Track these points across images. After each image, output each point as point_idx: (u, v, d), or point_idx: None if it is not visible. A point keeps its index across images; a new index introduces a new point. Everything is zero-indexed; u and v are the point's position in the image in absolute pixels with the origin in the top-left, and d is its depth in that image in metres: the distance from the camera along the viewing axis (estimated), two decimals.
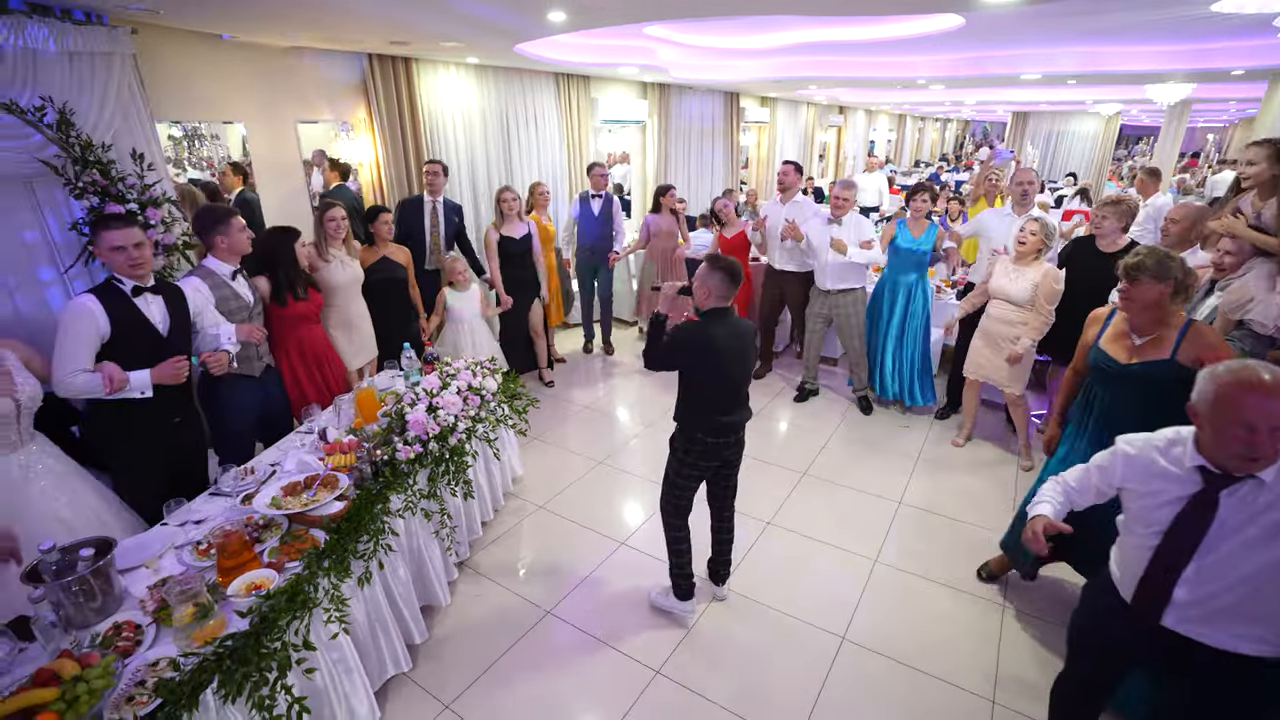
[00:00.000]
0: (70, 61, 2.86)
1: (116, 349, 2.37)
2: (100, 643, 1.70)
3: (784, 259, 4.86)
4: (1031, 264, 3.58)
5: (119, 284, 2.42)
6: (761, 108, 10.62)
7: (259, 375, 3.02)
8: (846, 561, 3.17)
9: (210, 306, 2.74)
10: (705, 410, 2.52)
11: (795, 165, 4.85)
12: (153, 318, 2.48)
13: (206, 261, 2.86)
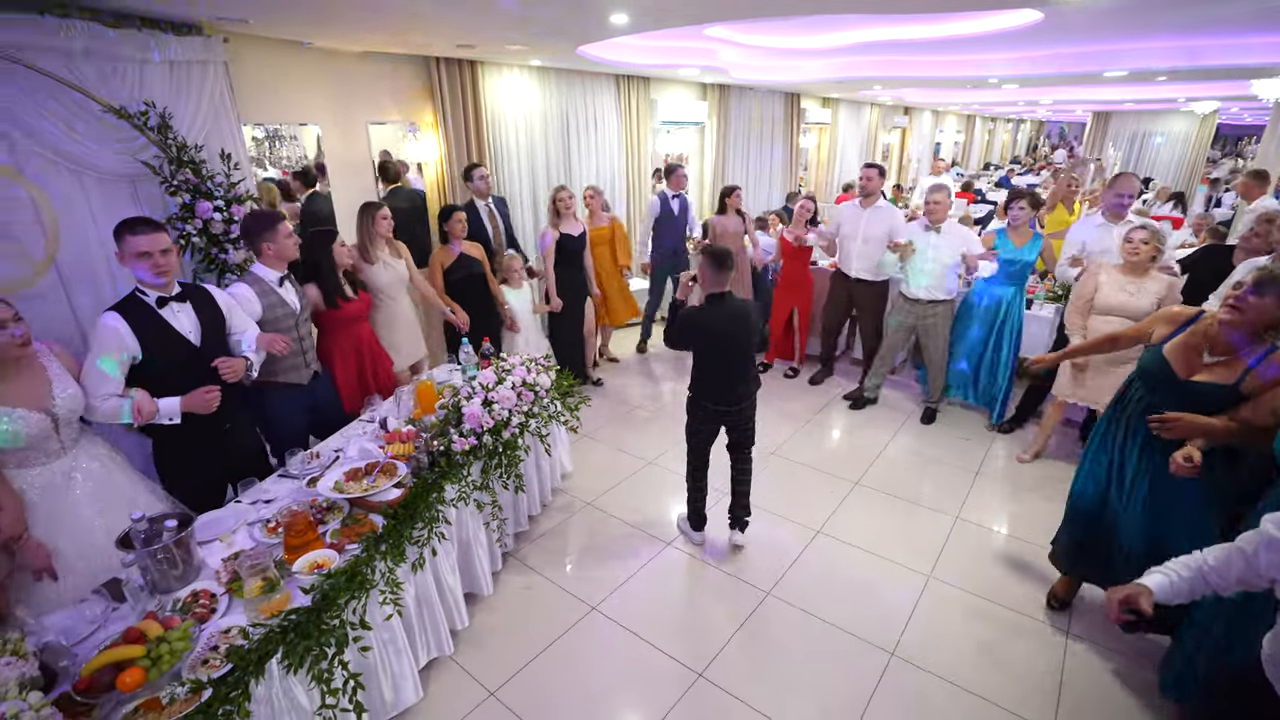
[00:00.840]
0: (171, 69, 3.08)
1: (150, 366, 2.30)
2: (180, 608, 1.83)
3: (860, 265, 4.67)
4: (1147, 275, 3.32)
5: (143, 296, 2.32)
6: (823, 108, 10.42)
7: (307, 383, 3.00)
8: (898, 575, 3.07)
9: (237, 310, 2.65)
10: (705, 382, 2.99)
11: (879, 169, 4.63)
12: (182, 328, 2.39)
13: (255, 268, 2.84)
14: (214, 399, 2.38)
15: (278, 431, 2.93)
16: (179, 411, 2.32)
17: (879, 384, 4.84)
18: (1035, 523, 3.43)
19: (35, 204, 2.77)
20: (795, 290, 5.16)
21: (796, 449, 4.26)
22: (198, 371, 2.39)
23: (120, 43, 2.88)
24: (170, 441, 2.46)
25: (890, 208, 4.65)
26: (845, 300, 4.92)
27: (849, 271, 4.77)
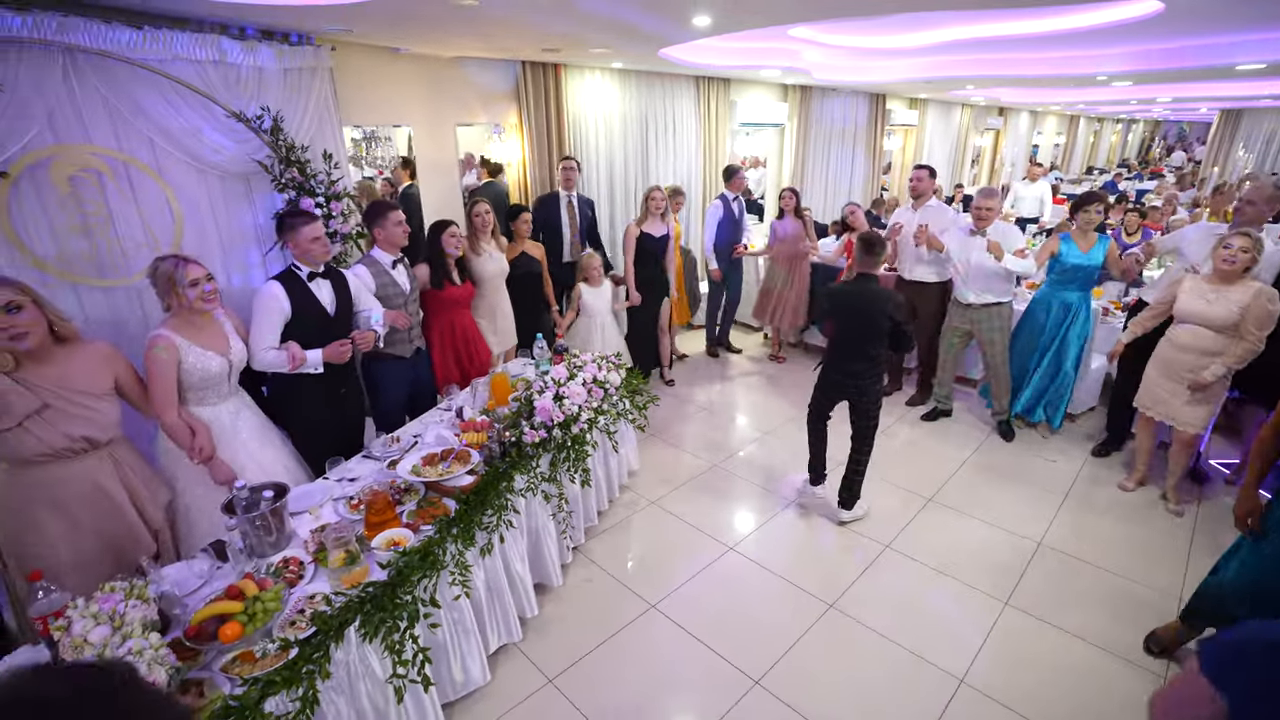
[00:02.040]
0: (284, 76, 3.34)
1: (294, 327, 2.72)
2: (273, 572, 1.98)
3: (916, 268, 4.58)
4: (1236, 283, 3.09)
5: (297, 270, 2.77)
6: (910, 110, 10.02)
7: (409, 357, 3.32)
8: (971, 598, 2.92)
9: (365, 291, 3.04)
10: (833, 350, 3.34)
11: (928, 169, 4.55)
12: (323, 299, 2.82)
13: (373, 251, 3.19)
14: (347, 351, 2.81)
15: (382, 398, 3.30)
16: (321, 361, 2.74)
17: (948, 394, 4.64)
18: (1132, 556, 3.17)
19: (167, 199, 3.07)
20: None
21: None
22: (330, 336, 2.81)
23: (244, 53, 3.15)
24: (295, 403, 2.86)
25: (941, 206, 4.54)
26: (907, 304, 4.74)
27: (906, 275, 4.66)
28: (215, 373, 2.47)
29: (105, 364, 2.24)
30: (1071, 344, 4.08)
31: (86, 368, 2.16)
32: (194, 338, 2.41)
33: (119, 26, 2.72)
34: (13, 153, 2.52)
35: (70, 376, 2.10)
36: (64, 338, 2.13)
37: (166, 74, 2.88)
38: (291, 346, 2.65)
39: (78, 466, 2.17)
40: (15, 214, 2.61)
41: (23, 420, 2.01)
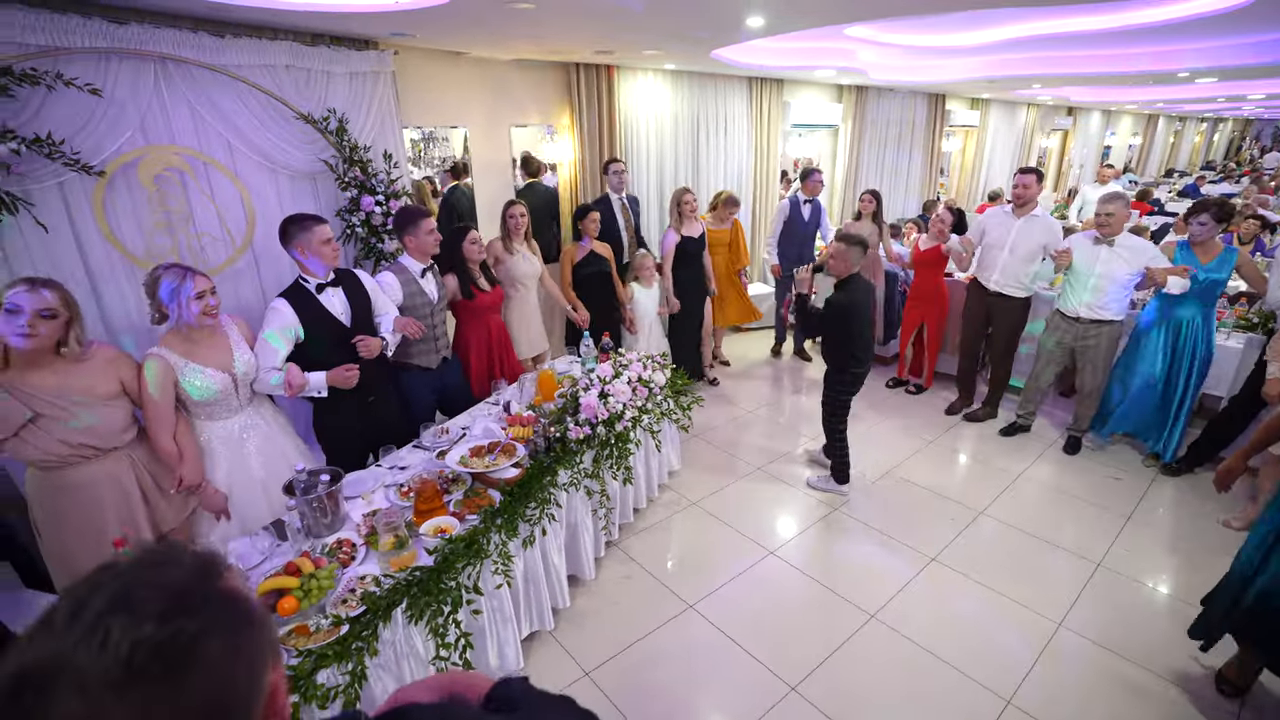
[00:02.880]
0: (350, 80, 3.49)
1: (310, 343, 2.63)
2: (327, 552, 2.08)
3: (1003, 278, 4.25)
4: None
5: (305, 283, 2.66)
6: (971, 110, 9.68)
7: (436, 367, 3.25)
8: (1021, 617, 2.81)
9: (382, 295, 2.93)
10: (862, 350, 3.45)
11: (1037, 174, 4.17)
12: (334, 310, 2.70)
13: (402, 258, 3.12)
14: (353, 377, 2.64)
15: (410, 408, 3.22)
16: (325, 385, 2.62)
17: (1033, 410, 4.40)
18: (1205, 584, 2.98)
19: (240, 197, 3.25)
20: (926, 303, 4.85)
21: (914, 470, 4.02)
22: (349, 351, 2.69)
23: (313, 58, 3.31)
24: (326, 410, 2.81)
25: (1048, 219, 4.20)
26: (981, 315, 4.50)
27: (987, 284, 4.36)
28: (219, 391, 2.39)
29: (109, 368, 2.18)
30: (1184, 365, 3.76)
31: (88, 375, 2.11)
32: (193, 355, 2.33)
33: (204, 35, 2.90)
34: (109, 154, 2.72)
35: (69, 386, 2.06)
36: (64, 355, 2.06)
37: (244, 79, 3.06)
38: (290, 371, 2.51)
39: (95, 468, 2.18)
40: (110, 211, 2.81)
41: (17, 430, 2.00)
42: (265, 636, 0.59)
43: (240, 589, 0.59)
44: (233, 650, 0.54)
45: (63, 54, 2.50)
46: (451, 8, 2.88)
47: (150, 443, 2.32)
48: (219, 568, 0.59)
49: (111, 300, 2.89)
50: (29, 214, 2.49)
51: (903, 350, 5.14)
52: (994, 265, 4.29)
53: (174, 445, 2.32)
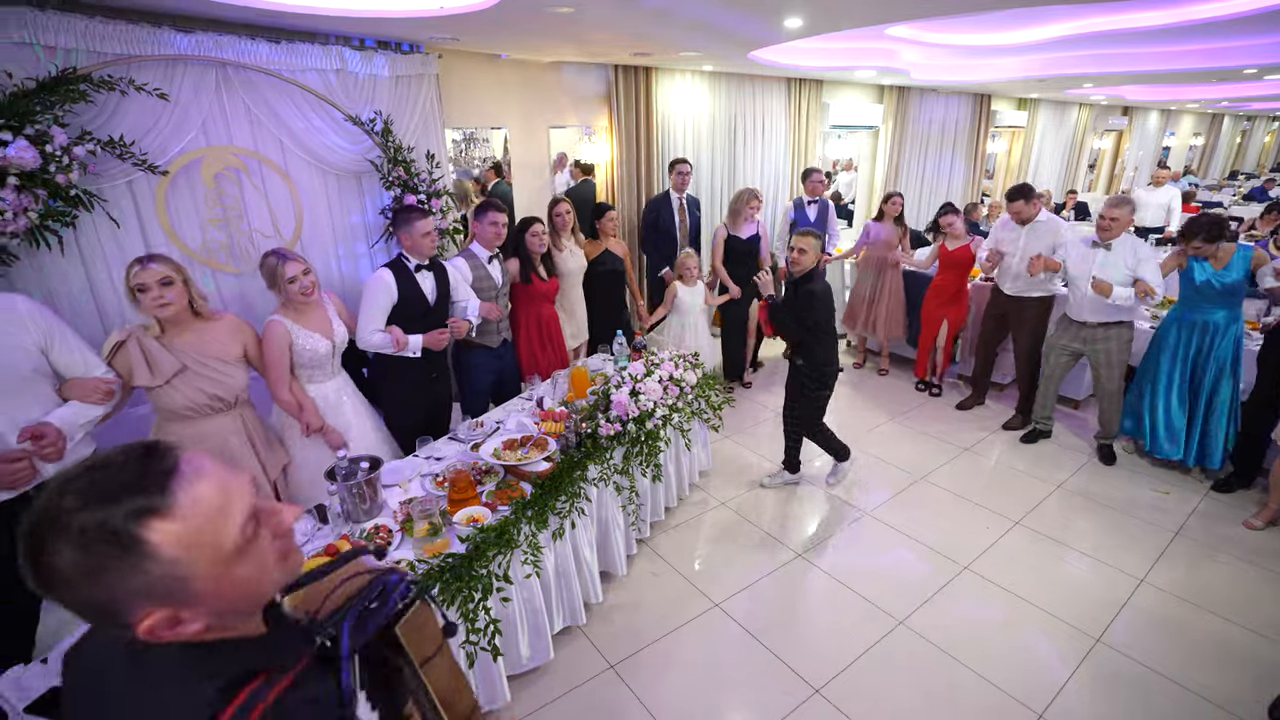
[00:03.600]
0: (395, 83, 3.61)
1: (398, 313, 2.93)
2: (365, 536, 2.17)
3: (1014, 282, 4.30)
4: None
5: (406, 261, 2.99)
6: (1018, 110, 9.41)
7: (496, 347, 3.53)
8: (1056, 630, 2.74)
9: (464, 283, 3.25)
10: (829, 348, 3.47)
11: (1024, 197, 4.18)
12: (425, 289, 3.03)
13: (472, 246, 3.40)
14: (445, 338, 3.03)
15: (469, 385, 3.51)
16: (421, 347, 2.95)
17: (1049, 414, 4.33)
18: (1259, 605, 2.87)
19: (291, 194, 3.40)
20: (947, 303, 4.79)
21: (947, 477, 3.95)
22: (429, 324, 3.01)
23: (362, 62, 3.44)
24: (395, 381, 3.09)
25: (1053, 221, 4.19)
26: (1000, 318, 4.51)
27: (1004, 288, 4.39)
28: (321, 354, 2.70)
29: (234, 334, 2.49)
30: (1211, 371, 3.64)
31: (219, 338, 2.42)
32: (302, 323, 2.65)
33: (261, 42, 3.05)
34: (173, 154, 2.88)
35: (205, 344, 2.37)
36: (199, 313, 2.37)
37: (297, 82, 3.20)
38: (395, 330, 2.87)
39: (213, 423, 2.45)
40: (171, 208, 2.98)
41: (170, 379, 2.29)
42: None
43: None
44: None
45: (135, 61, 2.66)
46: (494, 12, 2.96)
47: (274, 398, 2.66)
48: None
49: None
50: (102, 210, 2.67)
51: (925, 350, 5.07)
52: (1007, 271, 4.32)
53: (293, 399, 2.66)
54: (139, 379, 2.24)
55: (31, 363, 1.90)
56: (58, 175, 2.38)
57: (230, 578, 0.73)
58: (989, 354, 4.74)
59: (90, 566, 0.65)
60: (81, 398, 1.99)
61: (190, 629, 0.72)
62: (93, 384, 2.01)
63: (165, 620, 0.70)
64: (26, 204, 2.32)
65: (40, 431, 1.82)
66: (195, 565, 0.69)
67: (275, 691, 0.75)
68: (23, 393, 1.87)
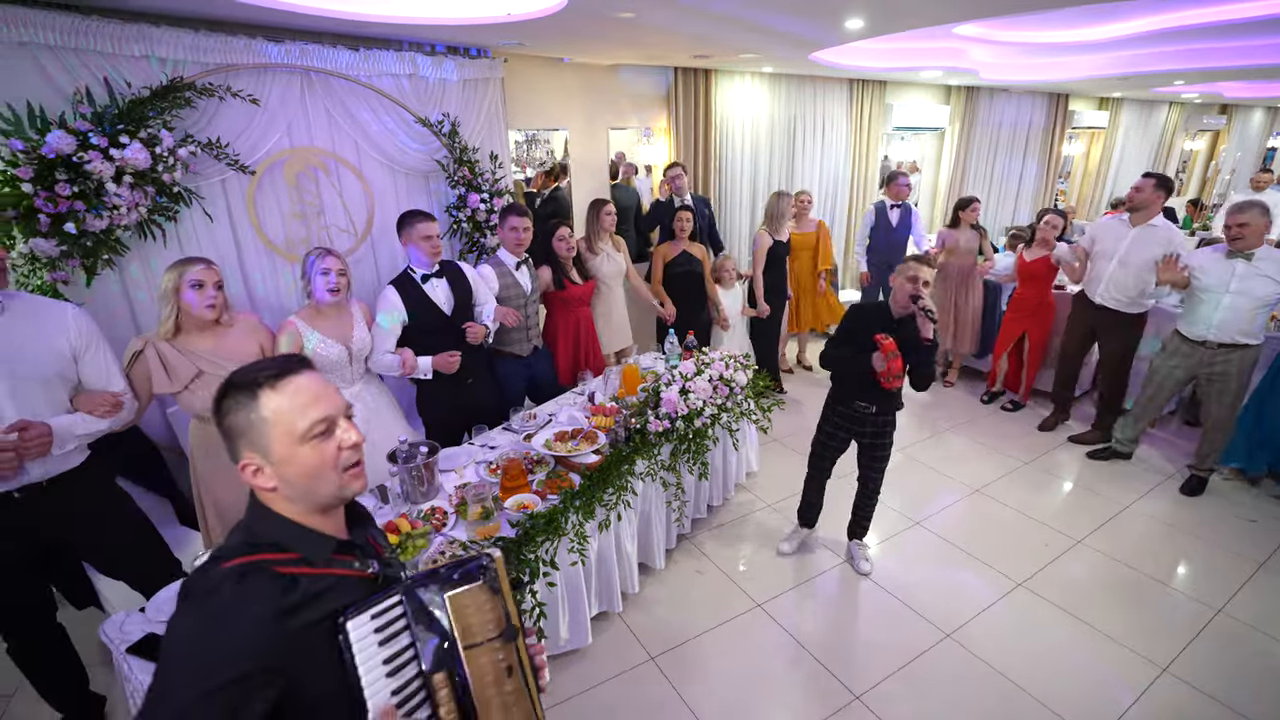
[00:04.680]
0: (463, 86, 3.78)
1: (415, 328, 2.89)
2: (422, 516, 2.29)
3: (1109, 291, 3.91)
4: None
5: (412, 273, 2.93)
6: (1099, 110, 8.93)
7: (526, 355, 3.46)
8: (1118, 656, 2.62)
9: (482, 284, 3.17)
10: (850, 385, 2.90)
11: (1157, 178, 3.76)
12: (437, 299, 2.95)
13: (499, 253, 3.34)
14: (455, 362, 2.91)
15: (503, 393, 3.44)
16: (431, 369, 2.89)
17: (1135, 437, 4.04)
18: None
19: (364, 192, 3.60)
20: (1028, 316, 4.57)
21: (1007, 490, 3.81)
22: (447, 336, 2.94)
23: (432, 67, 3.61)
24: (429, 389, 3.07)
25: (1168, 228, 3.77)
26: (1085, 329, 4.15)
27: (1093, 296, 4.01)
28: (334, 359, 2.63)
29: (251, 335, 2.47)
30: None
31: (235, 339, 2.41)
32: (319, 325, 2.61)
33: (342, 49, 3.25)
34: (261, 155, 3.11)
35: (221, 347, 2.37)
36: (217, 320, 2.37)
37: (373, 86, 3.39)
38: (404, 353, 2.82)
39: None
40: (259, 205, 3.21)
41: (187, 384, 2.31)
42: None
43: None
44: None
45: (232, 70, 2.90)
46: (559, 18, 3.06)
47: None
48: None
49: (255, 280, 3.30)
50: (199, 206, 2.91)
51: (996, 362, 4.88)
52: (1100, 277, 3.96)
53: None
54: (157, 385, 2.28)
55: (58, 366, 1.93)
56: (164, 174, 2.63)
57: (297, 455, 1.00)
58: (1072, 369, 4.40)
59: (230, 405, 1.00)
60: (88, 410, 1.99)
61: (267, 482, 1.00)
62: (100, 398, 2.02)
63: (253, 466, 1.00)
64: (138, 200, 2.57)
65: (26, 424, 1.81)
66: (276, 431, 0.99)
67: (293, 569, 0.98)
68: (39, 391, 1.89)
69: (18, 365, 1.84)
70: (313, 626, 0.95)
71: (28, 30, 2.38)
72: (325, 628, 0.96)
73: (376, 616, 0.97)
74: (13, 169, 2.31)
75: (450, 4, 3.09)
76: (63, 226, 2.42)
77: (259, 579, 0.94)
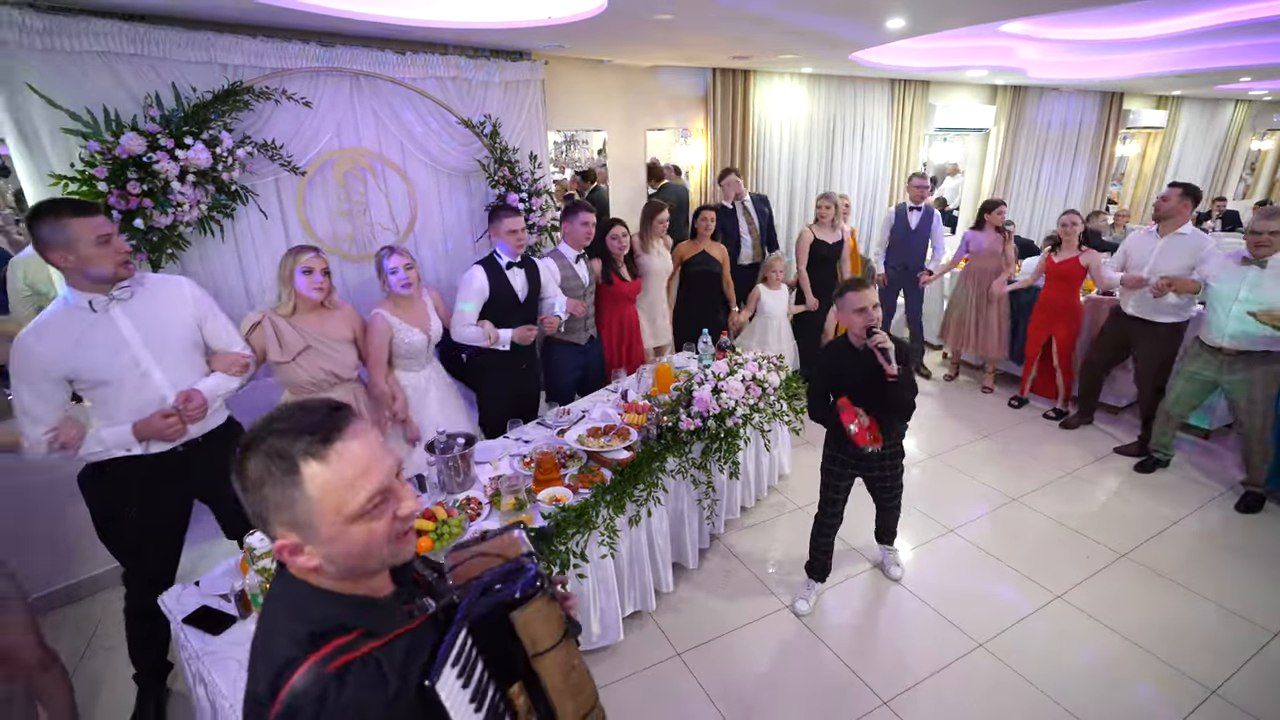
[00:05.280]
0: (504, 88, 3.86)
1: (490, 307, 3.12)
2: (458, 505, 2.36)
3: (1141, 302, 3.88)
4: None
5: (498, 258, 3.18)
6: (1156, 110, 8.58)
7: (583, 344, 3.66)
8: (1161, 674, 2.53)
9: (554, 281, 3.40)
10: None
11: (1183, 188, 3.74)
12: (516, 286, 3.20)
13: (560, 246, 3.54)
14: (534, 333, 3.20)
15: (556, 379, 3.65)
16: (510, 341, 3.12)
17: (1169, 442, 3.93)
18: None
19: (408, 191, 3.71)
20: (1054, 317, 4.46)
21: (1046, 500, 3.70)
22: (518, 319, 3.20)
23: (475, 70, 3.70)
24: (485, 371, 3.27)
25: (1197, 236, 3.67)
26: (1119, 340, 4.09)
27: (1125, 308, 3.98)
28: (416, 345, 2.89)
29: (347, 321, 2.75)
30: None
31: (336, 322, 2.69)
32: (402, 316, 2.85)
33: (389, 53, 3.37)
34: (311, 156, 3.24)
35: (325, 327, 2.64)
36: (323, 303, 2.66)
37: (418, 89, 3.50)
38: (487, 325, 3.07)
39: (333, 394, 2.72)
40: (308, 203, 3.35)
41: (295, 356, 2.59)
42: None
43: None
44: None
45: (286, 74, 3.03)
46: (598, 20, 3.11)
47: (370, 383, 2.89)
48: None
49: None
50: (255, 204, 3.06)
51: (1029, 367, 4.76)
52: (1131, 289, 3.89)
53: (387, 387, 2.87)
54: (271, 354, 2.53)
55: (192, 336, 2.21)
56: (223, 173, 2.77)
57: (346, 535, 0.86)
58: (1095, 375, 4.38)
59: (263, 476, 0.84)
60: (224, 370, 2.26)
61: (309, 562, 0.87)
62: (233, 358, 2.29)
63: (291, 546, 0.86)
64: (199, 197, 2.72)
65: (190, 395, 2.11)
66: (322, 509, 0.84)
67: (367, 647, 0.86)
68: (183, 361, 2.16)
69: (164, 340, 2.09)
70: (409, 700, 0.87)
71: (105, 40, 2.55)
72: (415, 695, 0.87)
73: (455, 664, 0.91)
74: (90, 169, 2.47)
75: (493, 8, 3.17)
76: (133, 222, 2.58)
77: (359, 673, 0.84)
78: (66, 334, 1.91)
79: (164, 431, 2.05)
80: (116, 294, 1.97)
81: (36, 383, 1.90)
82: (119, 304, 1.98)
